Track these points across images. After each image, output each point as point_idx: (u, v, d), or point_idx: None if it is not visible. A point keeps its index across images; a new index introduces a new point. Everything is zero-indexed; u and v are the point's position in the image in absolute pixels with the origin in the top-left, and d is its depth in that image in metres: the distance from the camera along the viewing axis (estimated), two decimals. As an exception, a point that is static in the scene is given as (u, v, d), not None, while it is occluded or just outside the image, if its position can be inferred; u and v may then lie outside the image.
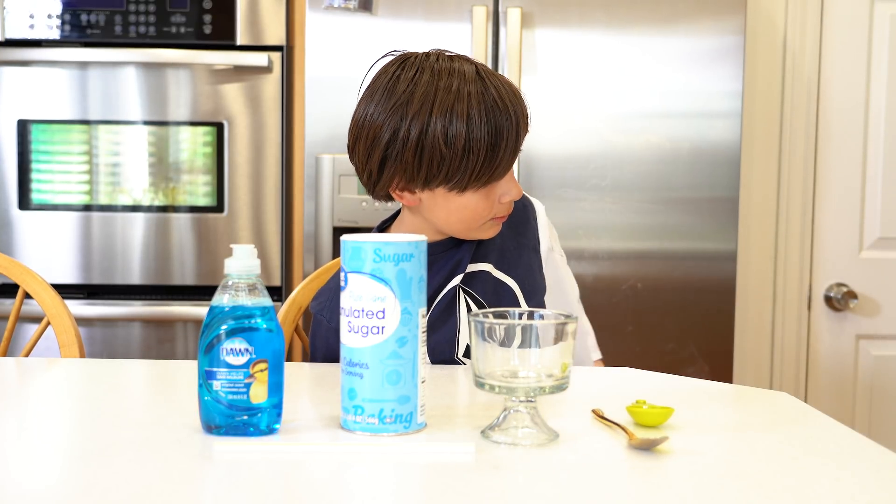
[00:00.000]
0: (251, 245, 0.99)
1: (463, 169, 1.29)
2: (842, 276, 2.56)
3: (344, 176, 2.27)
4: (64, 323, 1.59)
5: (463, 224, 1.37)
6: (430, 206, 1.36)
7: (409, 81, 1.30)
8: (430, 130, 1.27)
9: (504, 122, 1.29)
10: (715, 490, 0.86)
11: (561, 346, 0.97)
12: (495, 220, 1.38)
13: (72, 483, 0.87)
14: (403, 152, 1.29)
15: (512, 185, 1.35)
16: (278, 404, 0.99)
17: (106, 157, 2.41)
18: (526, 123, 1.34)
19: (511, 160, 1.32)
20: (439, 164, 1.29)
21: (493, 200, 1.35)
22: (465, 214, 1.35)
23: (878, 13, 2.52)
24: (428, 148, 1.28)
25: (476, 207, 1.34)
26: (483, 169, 1.29)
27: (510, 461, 0.92)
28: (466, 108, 1.27)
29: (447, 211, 1.35)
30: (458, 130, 1.27)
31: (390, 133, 1.29)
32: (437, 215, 1.37)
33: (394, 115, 1.29)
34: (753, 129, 2.54)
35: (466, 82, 1.29)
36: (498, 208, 1.36)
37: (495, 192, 1.34)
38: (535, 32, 2.25)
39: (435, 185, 1.32)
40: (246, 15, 2.39)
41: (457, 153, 1.28)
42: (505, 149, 1.30)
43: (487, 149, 1.28)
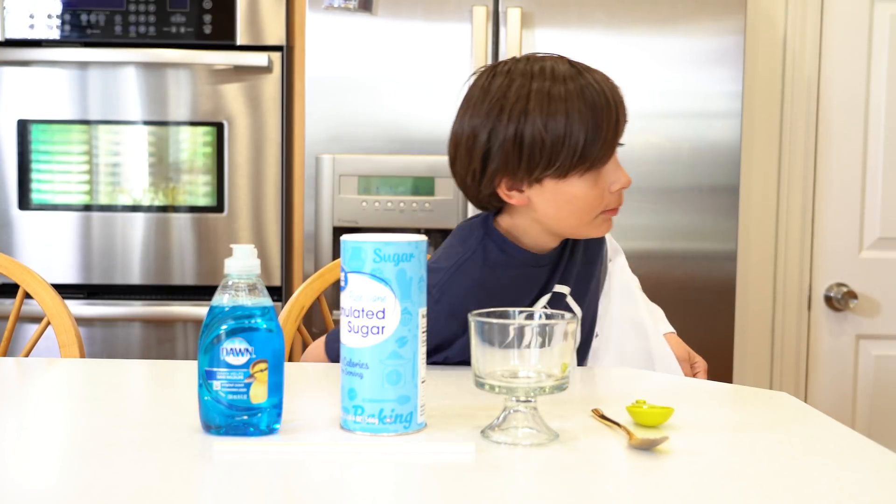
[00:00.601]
0: (251, 245, 0.99)
1: (565, 150, 1.27)
2: (842, 276, 2.56)
3: (344, 176, 2.27)
4: (64, 323, 1.59)
5: (575, 216, 1.34)
6: (539, 203, 1.34)
7: (504, 79, 1.31)
8: (528, 118, 1.28)
9: (602, 102, 1.29)
10: (715, 490, 0.86)
11: (561, 346, 0.97)
12: (607, 213, 1.35)
13: (72, 483, 0.87)
14: (504, 145, 1.29)
15: (620, 173, 1.33)
16: (278, 404, 0.99)
17: (106, 157, 2.41)
18: (624, 112, 1.33)
19: (613, 143, 1.30)
20: (540, 148, 1.28)
21: (603, 189, 1.32)
22: (577, 205, 1.32)
23: (878, 13, 2.52)
24: (528, 135, 1.28)
25: (586, 196, 1.32)
26: (586, 147, 1.27)
27: (510, 461, 0.92)
28: (564, 91, 1.28)
29: (557, 205, 1.33)
30: (557, 113, 1.27)
31: (488, 130, 1.30)
32: (547, 212, 1.34)
33: (490, 114, 1.30)
34: (753, 129, 2.54)
35: (562, 73, 1.30)
36: (609, 199, 1.34)
37: (603, 181, 1.32)
38: (535, 32, 2.25)
39: (539, 175, 1.30)
40: (246, 15, 2.39)
41: (557, 135, 1.27)
42: (606, 127, 1.28)
43: (589, 126, 1.27)
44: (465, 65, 2.27)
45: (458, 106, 1.39)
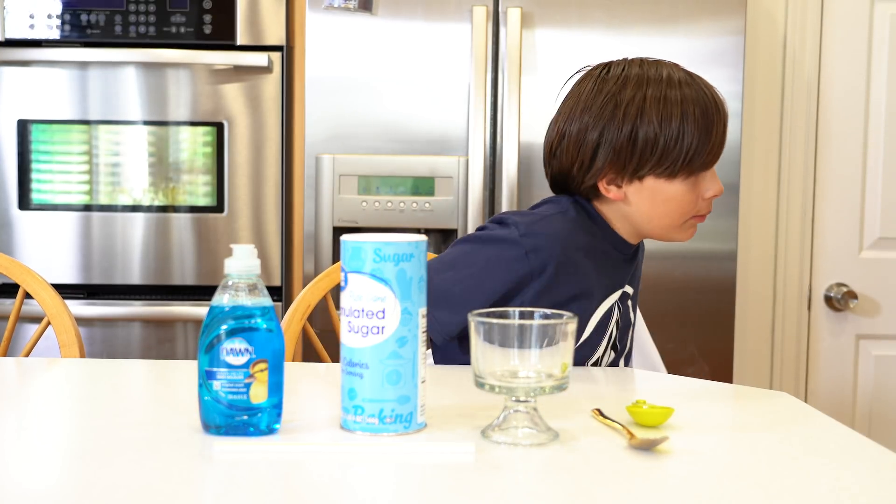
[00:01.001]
0: (251, 245, 0.99)
1: (676, 152, 1.32)
2: (842, 276, 2.56)
3: (344, 176, 2.27)
4: (64, 323, 1.59)
5: (667, 218, 1.38)
6: (635, 200, 1.37)
7: (618, 80, 1.36)
8: (644, 118, 1.32)
9: (713, 109, 1.34)
10: (715, 490, 0.86)
11: (561, 346, 0.97)
12: (695, 219, 1.39)
13: (72, 483, 0.87)
14: (616, 142, 1.33)
15: (716, 181, 1.38)
16: (278, 404, 0.99)
17: (106, 157, 2.41)
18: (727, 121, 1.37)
19: (720, 149, 1.35)
20: (653, 148, 1.32)
21: (698, 195, 1.37)
22: (672, 207, 1.36)
23: (878, 13, 2.52)
24: (642, 135, 1.32)
25: (683, 199, 1.36)
26: (697, 150, 1.32)
27: (510, 461, 0.92)
28: (680, 96, 1.33)
29: (652, 204, 1.36)
30: (672, 115, 1.32)
31: (601, 127, 1.34)
32: (641, 210, 1.38)
33: (603, 112, 1.34)
34: (753, 129, 2.54)
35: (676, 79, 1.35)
36: (701, 205, 1.38)
37: (701, 186, 1.37)
38: (535, 32, 2.25)
39: (645, 173, 1.34)
40: (246, 15, 2.39)
41: (671, 137, 1.31)
42: (715, 133, 1.33)
43: (702, 130, 1.32)
44: (465, 65, 2.27)
45: (562, 102, 1.43)
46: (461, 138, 2.27)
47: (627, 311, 1.47)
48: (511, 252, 1.32)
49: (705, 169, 1.35)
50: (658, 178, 1.34)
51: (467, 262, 1.34)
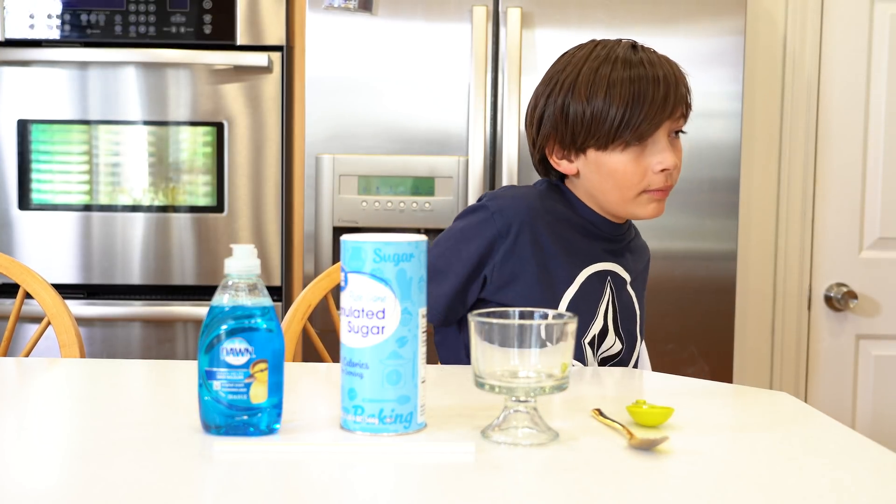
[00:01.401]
0: (251, 245, 0.99)
1: (604, 124, 1.34)
2: (842, 276, 2.56)
3: (344, 176, 2.27)
4: (64, 323, 1.59)
5: (617, 192, 1.39)
6: (585, 173, 1.41)
7: (569, 57, 1.42)
8: (576, 87, 1.37)
9: (648, 77, 1.35)
10: (715, 490, 0.86)
11: (561, 346, 0.97)
12: (651, 193, 1.39)
13: (72, 483, 0.87)
14: (553, 114, 1.39)
15: (667, 154, 1.37)
16: (278, 404, 0.99)
17: (106, 157, 2.41)
18: (675, 97, 1.37)
19: (653, 123, 1.35)
20: (582, 117, 1.36)
21: (645, 168, 1.37)
22: (617, 179, 1.38)
23: (878, 13, 2.52)
24: (572, 108, 1.37)
25: (625, 171, 1.37)
26: (624, 122, 1.34)
27: (510, 461, 0.92)
28: (611, 66, 1.36)
29: (600, 177, 1.39)
30: (600, 81, 1.35)
31: (545, 99, 1.41)
32: (592, 184, 1.41)
33: (547, 85, 1.41)
34: (753, 129, 2.54)
35: (618, 56, 1.38)
36: (652, 178, 1.38)
37: (646, 159, 1.37)
38: (535, 32, 2.25)
39: (583, 144, 1.38)
40: (246, 15, 2.39)
41: (597, 105, 1.34)
42: (646, 106, 1.34)
43: (629, 99, 1.34)
44: (464, 65, 2.27)
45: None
46: (461, 138, 2.27)
47: (627, 297, 1.46)
48: (479, 216, 1.40)
49: (640, 140, 1.36)
50: (597, 150, 1.37)
51: (446, 237, 1.42)
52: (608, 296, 1.43)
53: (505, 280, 1.40)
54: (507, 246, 1.38)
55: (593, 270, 1.42)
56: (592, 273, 1.42)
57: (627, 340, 1.46)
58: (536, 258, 1.39)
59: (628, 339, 1.46)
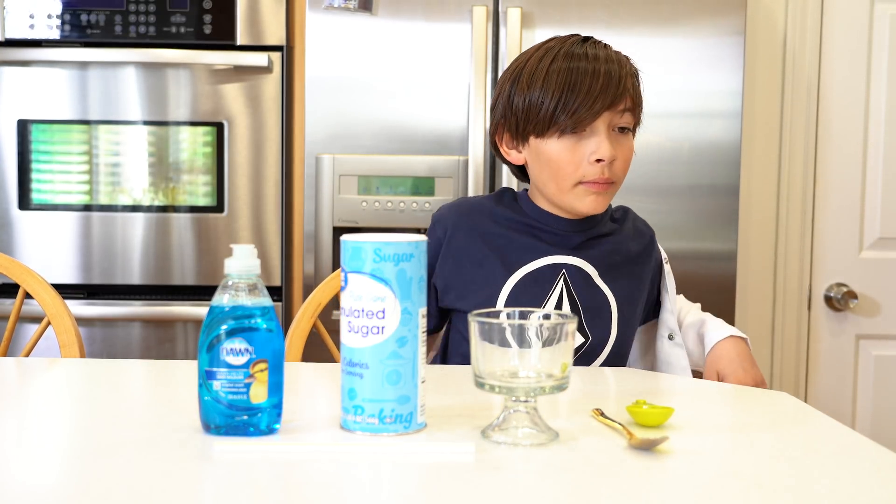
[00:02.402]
0: (251, 245, 0.99)
1: (539, 109, 1.38)
2: (842, 276, 2.56)
3: (344, 176, 2.27)
4: (64, 323, 1.59)
5: (553, 182, 1.42)
6: (531, 163, 1.46)
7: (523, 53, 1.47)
8: (520, 77, 1.42)
9: (586, 69, 1.38)
10: (715, 490, 0.86)
11: (561, 346, 0.97)
12: (588, 185, 1.40)
13: (72, 483, 0.87)
14: (502, 102, 1.45)
15: (604, 145, 1.38)
16: (278, 404, 0.99)
17: (106, 157, 2.41)
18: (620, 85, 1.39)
19: (594, 109, 1.37)
20: (523, 104, 1.40)
21: (581, 157, 1.39)
22: (552, 168, 1.41)
23: (878, 13, 2.52)
24: (517, 92, 1.41)
25: (560, 158, 1.40)
26: (559, 106, 1.37)
27: (510, 461, 0.92)
28: (552, 59, 1.40)
29: (540, 165, 1.43)
30: (538, 75, 1.39)
31: (497, 89, 1.47)
32: (535, 174, 1.46)
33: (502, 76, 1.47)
34: (753, 129, 2.54)
35: (560, 49, 1.42)
36: (588, 169, 1.39)
37: (582, 148, 1.39)
38: (535, 32, 2.25)
39: (524, 130, 1.42)
40: (246, 15, 2.39)
41: (535, 93, 1.39)
42: (582, 94, 1.37)
43: (563, 89, 1.37)
44: (465, 65, 2.27)
45: None
46: (461, 138, 2.27)
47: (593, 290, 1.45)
48: (430, 229, 1.50)
49: (576, 129, 1.38)
50: (536, 137, 1.41)
51: None
52: (559, 290, 1.43)
53: (446, 284, 1.46)
54: (443, 252, 1.46)
55: (536, 266, 1.44)
56: (536, 269, 1.43)
57: (594, 332, 1.44)
58: (470, 259, 1.44)
59: (596, 332, 1.45)
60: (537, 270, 1.43)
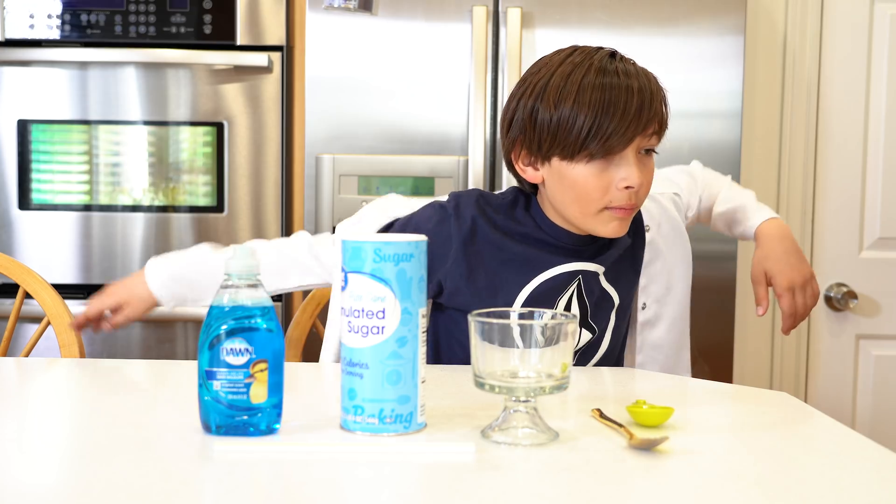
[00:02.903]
0: (252, 245, 0.99)
1: (570, 130, 1.31)
2: (842, 276, 2.56)
3: (344, 176, 2.27)
4: (64, 323, 1.59)
5: (577, 206, 1.35)
6: (549, 183, 1.38)
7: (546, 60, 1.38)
8: (546, 91, 1.33)
9: (620, 91, 1.30)
10: (715, 490, 0.86)
11: (561, 346, 0.97)
12: (614, 210, 1.35)
13: (72, 483, 0.87)
14: (522, 117, 1.36)
15: (633, 171, 1.32)
16: (278, 404, 0.99)
17: (106, 157, 2.41)
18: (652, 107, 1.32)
19: (621, 139, 1.30)
20: (549, 123, 1.32)
21: (608, 182, 1.33)
22: (578, 192, 1.34)
23: (878, 13, 2.52)
24: (542, 108, 1.33)
25: (587, 184, 1.33)
26: (592, 133, 1.30)
27: (510, 461, 0.92)
28: (583, 75, 1.31)
29: (562, 188, 1.36)
30: (569, 92, 1.31)
31: (516, 101, 1.37)
32: (554, 194, 1.38)
33: (520, 87, 1.38)
34: (753, 129, 2.54)
35: (591, 65, 1.33)
36: (615, 195, 1.33)
37: (611, 174, 1.33)
38: (535, 32, 2.25)
39: (548, 152, 1.35)
40: (246, 15, 2.39)
41: (565, 114, 1.31)
42: (617, 118, 1.29)
43: (597, 111, 1.29)
44: (465, 65, 2.27)
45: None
46: (461, 138, 2.27)
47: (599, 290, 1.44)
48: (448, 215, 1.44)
49: (606, 155, 1.32)
50: (562, 159, 1.34)
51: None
52: (571, 291, 1.42)
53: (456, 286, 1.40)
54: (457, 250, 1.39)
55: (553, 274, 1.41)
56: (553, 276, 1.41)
57: (599, 326, 1.45)
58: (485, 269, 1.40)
59: (600, 325, 1.45)
60: (554, 278, 1.41)
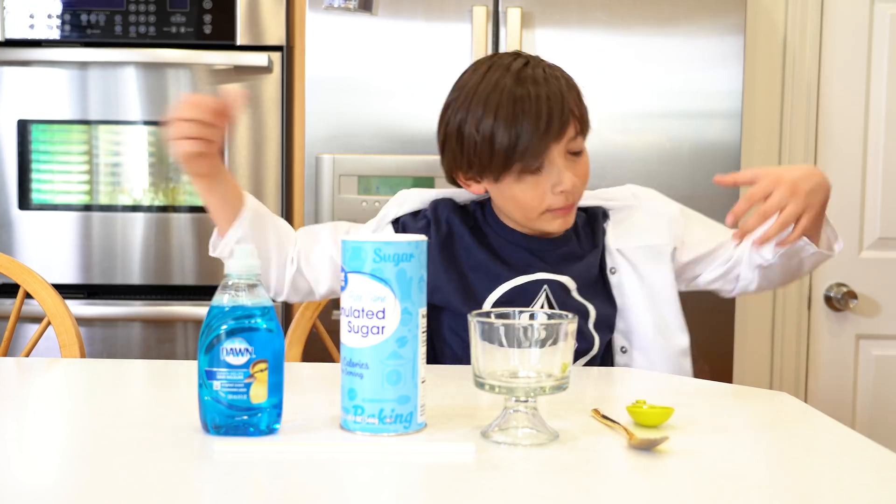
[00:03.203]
0: (251, 245, 0.99)
1: (492, 151, 1.33)
2: (842, 276, 2.56)
3: (344, 176, 2.27)
4: (64, 323, 1.59)
5: (520, 213, 1.40)
6: (493, 195, 1.42)
7: (470, 73, 1.39)
8: (467, 123, 1.35)
9: (530, 103, 1.31)
10: (715, 490, 0.86)
11: (561, 346, 0.97)
12: (554, 212, 1.38)
13: (72, 483, 0.87)
14: (451, 141, 1.38)
15: (565, 175, 1.34)
16: (278, 404, 0.99)
17: (106, 157, 2.41)
18: (563, 115, 1.33)
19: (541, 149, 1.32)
20: (474, 147, 1.34)
21: (543, 192, 1.35)
22: (517, 204, 1.38)
23: (878, 13, 2.52)
24: (466, 134, 1.35)
25: (524, 197, 1.36)
26: (509, 154, 1.32)
27: (510, 461, 0.92)
28: (499, 93, 1.32)
29: (503, 200, 1.40)
30: (488, 111, 1.32)
31: (444, 126, 1.40)
32: (499, 205, 1.43)
33: (444, 112, 1.40)
34: (753, 129, 2.54)
35: (507, 71, 1.34)
36: (552, 199, 1.36)
37: (543, 184, 1.35)
38: (535, 32, 2.25)
39: (480, 174, 1.37)
40: (246, 15, 2.39)
41: (486, 134, 1.33)
42: (528, 133, 1.31)
43: (510, 128, 1.31)
44: (465, 65, 2.26)
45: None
46: (461, 138, 2.27)
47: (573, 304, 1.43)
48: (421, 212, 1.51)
49: (530, 169, 1.33)
50: (493, 182, 1.36)
51: None
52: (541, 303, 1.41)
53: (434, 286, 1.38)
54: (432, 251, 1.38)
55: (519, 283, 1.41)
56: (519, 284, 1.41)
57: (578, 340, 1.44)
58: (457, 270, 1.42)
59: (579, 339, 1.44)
60: (520, 286, 1.41)
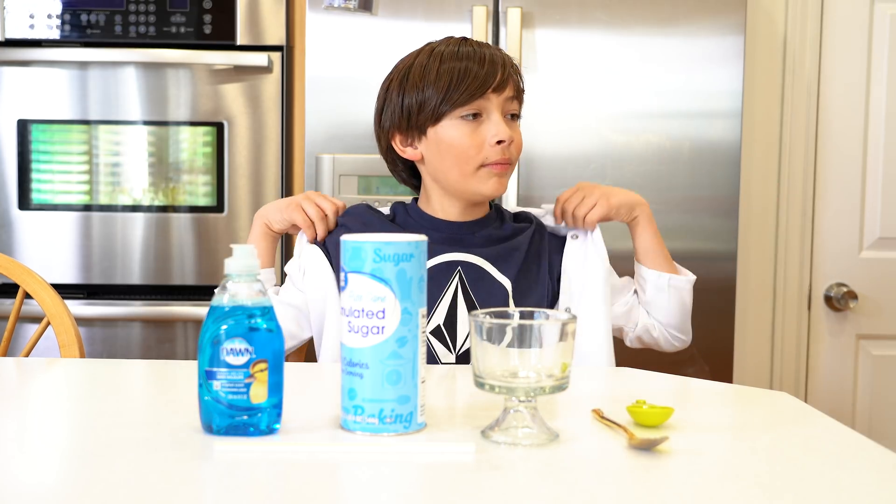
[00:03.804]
0: (251, 245, 0.99)
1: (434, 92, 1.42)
2: (842, 276, 2.56)
3: (344, 176, 2.27)
4: (64, 323, 1.59)
5: (456, 168, 1.45)
6: (429, 156, 1.47)
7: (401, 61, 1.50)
8: (409, 78, 1.46)
9: (473, 57, 1.43)
10: (715, 490, 0.86)
11: (561, 346, 0.97)
12: (491, 167, 1.44)
13: (72, 483, 0.87)
14: (392, 105, 1.47)
15: (501, 127, 1.43)
16: (278, 404, 0.99)
17: (106, 157, 2.41)
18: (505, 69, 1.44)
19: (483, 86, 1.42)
20: (417, 102, 1.43)
21: (481, 140, 1.43)
22: (455, 153, 1.44)
23: (878, 13, 2.52)
24: (408, 92, 1.46)
25: (462, 142, 1.43)
26: (451, 90, 1.41)
27: (510, 461, 0.92)
28: (440, 55, 1.46)
29: (440, 155, 1.45)
30: (430, 69, 1.44)
31: (383, 95, 1.50)
32: (434, 166, 1.47)
33: (384, 81, 1.51)
34: (753, 129, 2.54)
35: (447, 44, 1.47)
36: (489, 152, 1.44)
37: (482, 133, 1.44)
38: (535, 32, 2.25)
39: (422, 124, 1.45)
40: (246, 15, 2.39)
41: (429, 88, 1.42)
42: (472, 75, 1.41)
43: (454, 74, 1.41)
44: (465, 65, 2.26)
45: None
46: (461, 138, 2.27)
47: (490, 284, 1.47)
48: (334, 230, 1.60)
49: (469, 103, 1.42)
50: (434, 125, 1.44)
51: None
52: (454, 286, 1.47)
53: None
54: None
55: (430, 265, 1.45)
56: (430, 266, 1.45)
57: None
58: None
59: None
60: (432, 268, 1.46)
